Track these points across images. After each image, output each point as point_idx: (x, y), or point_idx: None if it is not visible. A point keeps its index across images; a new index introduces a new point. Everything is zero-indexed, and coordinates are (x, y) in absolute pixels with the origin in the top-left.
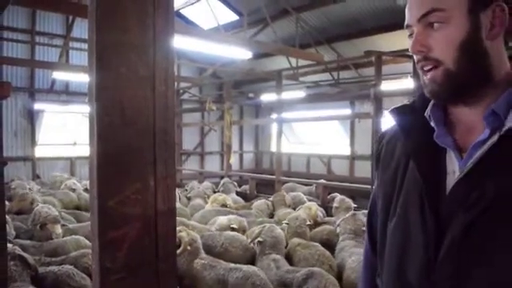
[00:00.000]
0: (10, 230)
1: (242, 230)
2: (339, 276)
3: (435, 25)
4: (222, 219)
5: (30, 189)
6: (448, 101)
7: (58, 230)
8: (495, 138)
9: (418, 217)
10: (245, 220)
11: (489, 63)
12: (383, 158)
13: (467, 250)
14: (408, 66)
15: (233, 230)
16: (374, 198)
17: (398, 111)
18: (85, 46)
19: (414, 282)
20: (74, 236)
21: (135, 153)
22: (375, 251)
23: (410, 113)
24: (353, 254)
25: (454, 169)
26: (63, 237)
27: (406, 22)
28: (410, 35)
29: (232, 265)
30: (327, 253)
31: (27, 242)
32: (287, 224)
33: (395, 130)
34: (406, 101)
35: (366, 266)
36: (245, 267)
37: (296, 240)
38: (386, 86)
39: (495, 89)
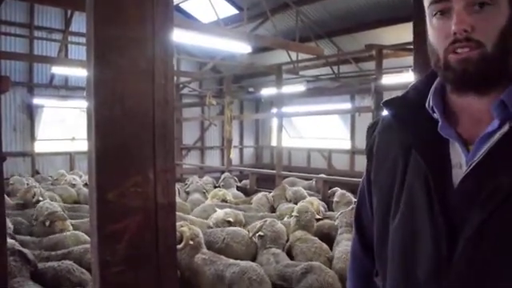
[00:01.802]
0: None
1: (239, 224)
2: None
3: (484, 6)
4: (218, 213)
5: (27, 184)
6: (473, 85)
7: (69, 226)
8: (505, 128)
9: (426, 212)
10: (241, 213)
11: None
12: (377, 150)
13: (483, 248)
14: (409, 59)
15: (229, 223)
16: (362, 192)
17: (393, 104)
18: (84, 40)
19: (425, 281)
20: (73, 231)
21: (134, 146)
22: (365, 248)
23: (405, 105)
24: (340, 245)
25: (461, 161)
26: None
27: None
28: (441, 11)
29: (231, 260)
30: (324, 246)
31: (27, 238)
32: (297, 216)
33: (387, 121)
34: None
35: (354, 264)
36: (243, 263)
37: (297, 234)
38: (387, 79)
39: (504, 80)
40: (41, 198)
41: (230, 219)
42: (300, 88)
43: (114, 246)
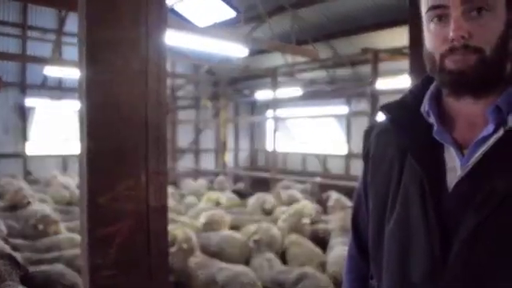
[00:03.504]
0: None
1: (216, 224)
2: None
3: (481, 11)
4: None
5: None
6: (470, 88)
7: (62, 229)
8: (500, 133)
9: (420, 215)
10: (219, 213)
11: (508, 58)
12: (373, 155)
13: (478, 251)
14: (405, 62)
15: (206, 225)
16: (359, 195)
17: (390, 108)
18: None
19: (420, 283)
20: (68, 234)
21: (127, 149)
22: (361, 251)
23: (402, 109)
24: (334, 249)
25: (455, 165)
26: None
27: (436, 1)
28: (439, 17)
29: (224, 264)
30: (317, 250)
31: (20, 242)
32: (289, 220)
33: (384, 126)
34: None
35: (350, 267)
36: (235, 267)
37: (291, 237)
38: (383, 83)
39: (500, 84)
40: (31, 200)
41: (203, 220)
42: (296, 91)
43: (105, 249)
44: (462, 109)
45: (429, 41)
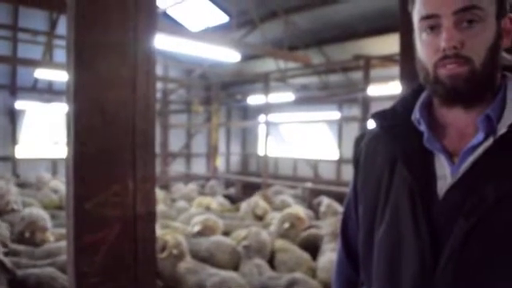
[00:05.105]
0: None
1: (209, 230)
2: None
3: (472, 23)
4: (194, 221)
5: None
6: (462, 99)
7: (50, 237)
8: (490, 141)
9: (410, 222)
10: (213, 218)
11: (498, 68)
12: (363, 163)
13: (467, 257)
14: (395, 69)
15: (199, 232)
16: (349, 202)
17: (381, 116)
18: None
19: None
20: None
21: (114, 154)
22: (350, 259)
23: (393, 117)
24: (325, 255)
25: (446, 173)
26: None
27: (428, 12)
28: (431, 27)
29: (213, 270)
30: (305, 255)
31: (20, 248)
32: (278, 225)
33: (375, 134)
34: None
35: (339, 274)
36: (224, 273)
37: (278, 243)
38: (374, 89)
39: (490, 94)
40: (15, 206)
41: (197, 228)
42: (288, 96)
43: (92, 257)
44: (452, 118)
45: (421, 51)
